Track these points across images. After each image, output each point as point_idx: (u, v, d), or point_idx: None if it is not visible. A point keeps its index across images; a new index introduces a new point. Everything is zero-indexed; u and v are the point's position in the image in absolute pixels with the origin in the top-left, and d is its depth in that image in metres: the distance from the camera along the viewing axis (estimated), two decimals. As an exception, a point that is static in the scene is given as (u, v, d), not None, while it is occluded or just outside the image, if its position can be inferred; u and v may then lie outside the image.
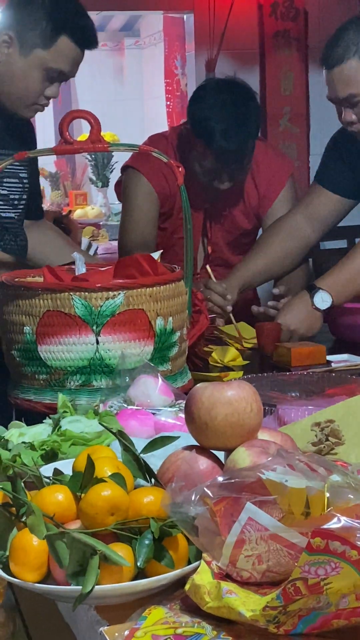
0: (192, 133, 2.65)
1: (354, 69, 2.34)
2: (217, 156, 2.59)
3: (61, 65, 2.21)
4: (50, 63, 2.20)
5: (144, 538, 1.00)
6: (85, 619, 1.02)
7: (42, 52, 2.19)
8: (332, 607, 0.88)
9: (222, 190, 2.69)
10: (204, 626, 0.94)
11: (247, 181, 2.78)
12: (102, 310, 1.67)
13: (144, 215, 2.76)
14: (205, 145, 2.59)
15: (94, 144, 1.74)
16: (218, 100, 2.59)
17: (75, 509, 1.05)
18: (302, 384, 1.71)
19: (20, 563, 1.01)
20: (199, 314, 2.08)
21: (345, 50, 2.34)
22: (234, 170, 2.65)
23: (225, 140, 2.55)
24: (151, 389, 1.56)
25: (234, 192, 2.76)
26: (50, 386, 1.71)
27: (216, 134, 2.55)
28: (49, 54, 2.19)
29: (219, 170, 2.63)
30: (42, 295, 1.69)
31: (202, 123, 2.59)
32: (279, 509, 0.96)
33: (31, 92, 2.23)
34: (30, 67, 2.20)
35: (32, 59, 2.19)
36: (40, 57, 2.19)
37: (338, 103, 2.42)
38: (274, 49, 4.20)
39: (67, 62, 2.22)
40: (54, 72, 2.22)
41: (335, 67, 2.35)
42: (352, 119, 2.39)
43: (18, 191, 2.37)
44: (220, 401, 1.11)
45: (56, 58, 2.20)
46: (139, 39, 7.19)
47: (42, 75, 2.21)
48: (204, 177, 2.66)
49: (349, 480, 1.00)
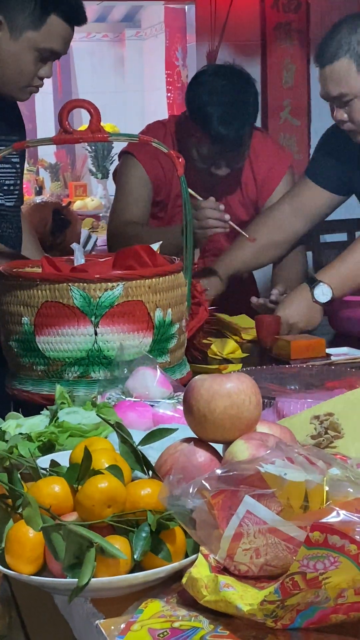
0: (190, 119, 2.65)
1: (345, 68, 2.33)
2: (214, 141, 2.59)
3: (53, 45, 2.20)
4: (41, 43, 2.18)
5: (141, 531, 0.99)
6: (81, 611, 1.01)
7: (33, 33, 2.17)
8: (331, 601, 0.87)
9: (220, 177, 2.69)
10: (201, 620, 0.93)
11: (245, 171, 2.78)
12: (101, 302, 1.66)
13: (135, 198, 2.76)
14: (203, 131, 2.59)
15: (94, 133, 1.73)
16: (216, 85, 2.59)
17: (72, 501, 1.04)
18: (301, 376, 1.70)
19: (16, 555, 1.00)
20: (198, 306, 2.07)
21: (337, 49, 2.33)
22: (231, 156, 2.65)
23: (223, 125, 2.55)
24: (150, 380, 1.55)
25: (232, 182, 2.76)
26: (48, 377, 1.70)
27: (213, 119, 2.56)
28: (39, 35, 2.17)
29: (216, 156, 2.63)
30: (40, 285, 1.68)
31: (199, 108, 2.60)
32: (278, 502, 0.96)
33: (25, 74, 2.21)
34: (22, 49, 2.18)
35: (23, 41, 2.17)
36: (31, 39, 2.17)
37: (330, 101, 2.42)
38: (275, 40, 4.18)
39: (58, 41, 2.21)
40: (46, 52, 2.21)
41: (327, 65, 2.35)
42: (344, 117, 2.39)
43: (12, 177, 2.36)
44: (219, 393, 1.10)
45: (47, 38, 2.18)
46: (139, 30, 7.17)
47: (35, 56, 2.19)
48: (201, 163, 2.66)
49: (348, 473, 0.99)
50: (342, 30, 2.34)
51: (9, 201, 2.36)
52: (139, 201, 2.77)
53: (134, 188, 2.76)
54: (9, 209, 2.36)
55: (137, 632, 0.92)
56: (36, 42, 2.18)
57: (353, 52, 2.32)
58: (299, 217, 2.67)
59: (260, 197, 2.81)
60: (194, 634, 0.91)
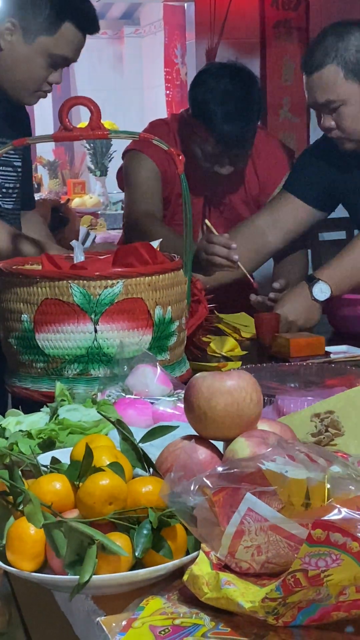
0: (193, 117, 2.64)
1: (333, 75, 2.33)
2: (218, 140, 2.58)
3: (65, 51, 2.21)
4: (54, 49, 2.19)
5: (142, 528, 0.99)
6: (82, 609, 1.01)
7: (47, 38, 2.18)
8: (332, 599, 0.87)
9: (223, 176, 2.68)
10: (202, 617, 0.93)
11: (248, 169, 2.77)
12: (101, 299, 1.66)
13: (148, 188, 2.74)
14: (207, 129, 2.58)
15: (94, 131, 1.73)
16: (220, 84, 2.58)
17: (73, 498, 1.05)
18: (301, 374, 1.70)
19: (17, 552, 1.00)
20: (198, 303, 2.07)
21: (324, 56, 2.33)
22: (235, 154, 2.64)
23: (227, 123, 2.54)
24: (149, 378, 1.55)
25: (235, 179, 2.75)
26: (48, 375, 1.70)
27: (218, 118, 2.55)
28: (53, 41, 2.18)
29: (220, 155, 2.62)
30: (40, 283, 1.68)
31: (203, 107, 2.58)
32: (279, 499, 0.96)
33: (35, 78, 2.22)
34: (35, 54, 2.19)
35: (36, 45, 2.18)
36: (44, 44, 2.18)
37: (317, 109, 2.41)
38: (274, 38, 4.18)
39: (70, 48, 2.22)
40: (58, 58, 2.21)
41: (314, 72, 2.35)
42: (331, 125, 2.38)
43: (12, 180, 2.36)
44: (219, 391, 1.10)
45: (60, 44, 2.19)
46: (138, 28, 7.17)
47: (46, 61, 2.20)
48: (205, 162, 2.65)
49: (349, 471, 0.99)
50: (328, 37, 2.34)
51: (7, 204, 2.36)
52: (153, 193, 2.74)
53: (146, 181, 2.74)
54: (7, 211, 2.36)
55: (138, 629, 0.92)
56: (49, 47, 2.19)
57: (340, 59, 2.31)
58: (275, 230, 2.64)
59: (262, 195, 2.80)
60: (195, 631, 0.91)
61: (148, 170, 2.73)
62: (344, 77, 2.32)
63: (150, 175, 2.73)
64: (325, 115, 2.38)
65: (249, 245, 2.64)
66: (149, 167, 2.73)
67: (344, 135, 2.39)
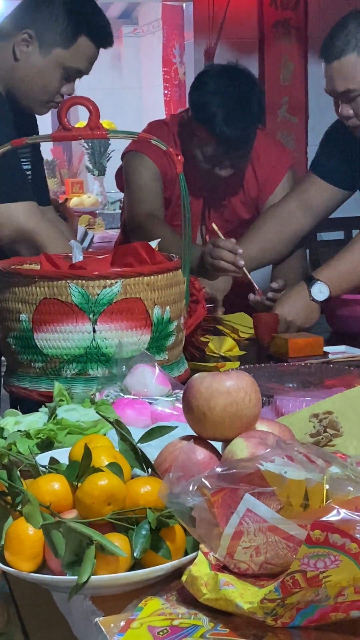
0: (193, 119, 2.64)
1: (353, 64, 2.33)
2: (218, 142, 2.58)
3: (79, 64, 2.23)
4: (69, 62, 2.21)
5: (140, 528, 0.99)
6: (81, 609, 1.01)
7: (62, 51, 2.20)
8: (331, 600, 0.87)
9: (223, 177, 2.68)
10: (201, 618, 0.93)
11: (247, 170, 2.77)
12: (99, 299, 1.66)
13: (149, 190, 2.74)
14: (207, 132, 2.58)
15: (93, 130, 1.73)
16: (220, 86, 2.57)
17: (71, 499, 1.04)
18: (299, 375, 1.70)
19: (16, 552, 1.00)
20: (197, 303, 2.07)
21: (344, 45, 2.32)
22: (236, 156, 2.64)
23: (227, 126, 2.54)
24: (148, 378, 1.55)
25: (234, 181, 2.75)
26: (46, 374, 1.70)
27: (218, 120, 2.54)
28: (68, 53, 2.20)
29: (221, 157, 2.62)
30: (38, 282, 1.68)
31: (203, 109, 2.58)
32: (278, 500, 0.96)
33: (49, 90, 2.24)
34: (50, 66, 2.21)
35: (52, 58, 2.20)
36: (60, 56, 2.20)
37: (336, 97, 2.41)
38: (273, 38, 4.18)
39: (85, 61, 2.24)
40: (72, 71, 2.24)
41: (335, 61, 2.34)
42: (349, 113, 2.38)
43: None
44: (218, 391, 1.10)
45: (75, 57, 2.21)
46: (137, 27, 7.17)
47: (61, 74, 2.22)
48: (205, 163, 2.65)
49: (348, 472, 0.99)
50: (349, 25, 2.33)
51: None
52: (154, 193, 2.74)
53: (147, 181, 2.73)
54: None
55: (136, 630, 0.92)
56: (64, 60, 2.20)
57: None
58: (306, 213, 2.66)
59: (262, 196, 2.80)
60: (193, 631, 0.91)
61: (149, 171, 2.73)
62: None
63: (151, 176, 2.73)
64: (344, 104, 2.38)
65: (282, 230, 2.66)
66: (150, 168, 2.72)
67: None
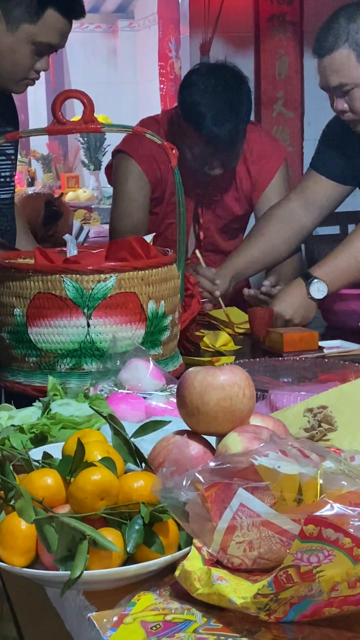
0: (182, 118, 2.63)
1: (345, 58, 2.32)
2: (207, 142, 2.57)
3: (50, 39, 2.19)
4: (38, 37, 2.17)
5: (134, 523, 0.99)
6: (74, 604, 1.01)
7: (30, 26, 2.16)
8: (324, 595, 0.87)
9: (213, 176, 2.67)
10: (194, 613, 0.93)
11: (240, 166, 2.76)
12: (94, 293, 1.66)
13: (134, 201, 2.74)
14: (196, 131, 2.57)
15: (87, 124, 1.72)
16: (209, 85, 2.56)
17: (64, 493, 1.04)
18: (294, 369, 1.70)
19: (8, 547, 1.00)
20: (191, 298, 2.06)
21: (336, 39, 2.32)
22: (225, 156, 2.63)
23: (216, 125, 2.53)
24: (142, 372, 1.55)
25: (226, 177, 2.74)
26: (40, 369, 1.70)
27: (207, 120, 2.53)
28: (36, 28, 2.16)
29: (210, 156, 2.61)
30: (32, 277, 1.68)
31: (192, 108, 2.57)
32: (271, 495, 0.95)
33: (21, 67, 2.20)
34: (19, 43, 2.17)
35: (20, 34, 2.16)
36: (28, 32, 2.16)
37: (329, 92, 2.40)
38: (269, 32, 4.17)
39: (55, 35, 2.20)
40: (43, 46, 2.19)
41: (326, 56, 2.34)
42: (344, 107, 2.38)
43: (8, 169, 2.35)
44: (212, 386, 1.10)
45: (44, 31, 2.17)
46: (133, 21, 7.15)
47: (32, 49, 2.18)
48: (194, 162, 2.64)
49: (342, 466, 0.98)
50: (340, 19, 2.33)
51: (5, 193, 2.35)
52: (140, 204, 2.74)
53: (133, 191, 2.73)
54: (4, 201, 2.35)
55: (129, 625, 0.92)
56: (33, 35, 2.17)
57: (352, 42, 2.30)
58: (308, 211, 2.65)
59: (255, 192, 2.79)
60: (186, 627, 0.90)
61: (136, 179, 2.72)
62: (356, 60, 2.32)
63: (137, 184, 2.72)
64: (338, 98, 2.37)
65: (284, 230, 2.65)
66: (137, 176, 2.72)
67: (356, 118, 2.39)
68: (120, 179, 2.75)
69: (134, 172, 2.72)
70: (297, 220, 2.66)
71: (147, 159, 2.69)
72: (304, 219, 2.66)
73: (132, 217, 2.73)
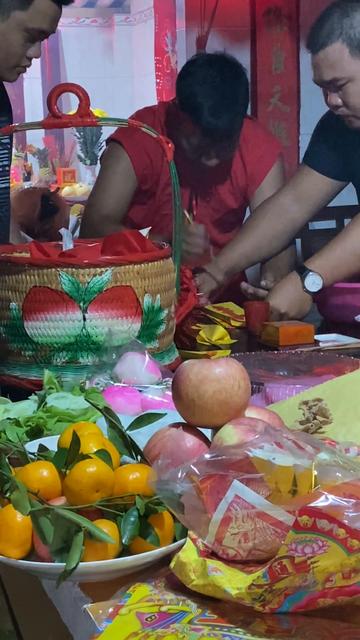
0: (180, 109, 2.63)
1: (338, 52, 2.32)
2: (205, 132, 2.57)
3: (41, 24, 2.19)
4: (29, 23, 2.17)
5: (129, 515, 0.99)
6: (69, 596, 1.01)
7: (21, 13, 2.15)
8: (319, 585, 0.87)
9: (210, 167, 2.67)
10: (189, 604, 0.93)
11: (235, 160, 2.76)
12: (90, 287, 1.66)
13: (115, 193, 2.74)
14: (193, 122, 2.57)
15: (83, 118, 1.72)
16: (207, 76, 2.56)
17: (60, 486, 1.04)
18: (290, 362, 1.70)
19: (4, 539, 1.00)
20: (187, 292, 2.06)
21: (329, 34, 2.32)
22: (222, 147, 2.63)
23: (214, 116, 2.53)
24: (138, 366, 1.55)
25: (222, 170, 2.74)
26: (36, 362, 1.70)
27: (204, 110, 2.53)
28: (27, 15, 2.16)
29: (207, 147, 2.61)
30: (28, 270, 1.68)
31: (190, 99, 2.57)
32: (266, 486, 0.95)
33: (13, 54, 2.20)
34: (10, 30, 2.17)
35: (10, 21, 2.16)
36: (19, 19, 2.16)
37: (323, 86, 2.40)
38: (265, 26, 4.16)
39: (46, 21, 2.19)
40: (35, 32, 2.19)
41: (320, 50, 2.34)
42: (338, 102, 2.38)
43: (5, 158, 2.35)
44: (208, 378, 1.10)
45: (35, 17, 2.17)
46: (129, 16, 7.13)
47: (23, 36, 2.18)
48: (191, 153, 2.64)
49: (336, 458, 0.99)
50: (334, 14, 2.33)
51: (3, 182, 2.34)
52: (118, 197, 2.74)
53: (115, 182, 2.73)
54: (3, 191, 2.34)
55: (124, 616, 0.92)
56: (24, 22, 2.16)
57: (346, 36, 2.30)
58: (300, 205, 2.65)
59: (250, 186, 2.80)
60: (181, 618, 0.91)
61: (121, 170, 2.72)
62: (349, 55, 2.32)
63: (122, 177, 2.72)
64: (332, 92, 2.37)
65: (277, 224, 2.65)
66: (123, 167, 2.72)
67: (350, 113, 2.39)
68: (107, 167, 2.76)
69: (122, 163, 2.72)
70: (289, 215, 2.66)
71: (137, 150, 2.69)
72: (296, 213, 2.66)
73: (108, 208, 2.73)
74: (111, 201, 2.73)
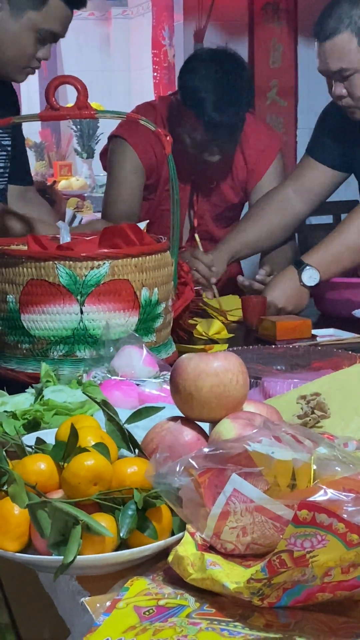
0: (182, 104, 2.62)
1: (346, 43, 2.31)
2: (207, 128, 2.56)
3: (53, 26, 2.19)
4: (42, 24, 2.17)
5: (127, 508, 0.99)
6: (67, 589, 1.01)
7: (35, 13, 2.15)
8: (317, 580, 0.87)
9: (211, 162, 2.67)
10: (187, 598, 0.93)
11: (236, 155, 2.76)
12: (87, 280, 1.65)
13: (129, 187, 2.73)
14: (196, 117, 2.56)
15: (81, 110, 1.72)
16: (210, 71, 2.55)
17: (57, 479, 1.04)
18: (287, 357, 1.70)
19: (1, 532, 0.99)
20: (185, 285, 2.06)
21: (338, 23, 2.31)
22: (224, 142, 2.62)
23: (217, 111, 2.52)
24: (135, 359, 1.54)
25: (222, 165, 2.74)
26: (34, 356, 1.69)
27: (207, 106, 2.52)
28: (41, 15, 2.16)
29: (209, 143, 2.60)
30: (25, 263, 1.67)
31: (193, 94, 2.56)
32: (265, 480, 0.95)
33: (24, 55, 2.20)
34: (23, 30, 2.17)
35: (24, 21, 2.16)
36: (32, 19, 2.16)
37: (329, 76, 2.39)
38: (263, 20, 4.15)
39: (58, 23, 2.20)
40: (46, 33, 2.19)
41: (328, 40, 2.33)
42: (342, 92, 2.37)
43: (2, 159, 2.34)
44: (206, 372, 1.10)
45: (48, 19, 2.17)
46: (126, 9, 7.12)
47: (35, 37, 2.18)
48: (193, 149, 2.63)
49: (335, 452, 0.99)
50: (342, 4, 2.32)
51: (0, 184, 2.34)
52: (134, 190, 2.73)
53: (128, 176, 2.72)
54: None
55: (122, 610, 0.92)
56: (37, 23, 2.16)
57: (354, 27, 2.29)
58: (303, 197, 2.65)
59: (250, 180, 2.79)
60: (179, 611, 0.90)
61: (131, 164, 2.71)
62: (357, 45, 2.31)
63: (132, 169, 2.71)
64: (337, 83, 2.37)
65: (279, 215, 2.65)
66: (132, 161, 2.70)
67: (354, 104, 2.38)
68: (116, 165, 2.74)
69: (130, 158, 2.71)
70: (291, 207, 2.66)
71: (143, 145, 2.68)
72: (299, 204, 2.66)
73: (125, 203, 2.73)
74: (127, 198, 2.73)
